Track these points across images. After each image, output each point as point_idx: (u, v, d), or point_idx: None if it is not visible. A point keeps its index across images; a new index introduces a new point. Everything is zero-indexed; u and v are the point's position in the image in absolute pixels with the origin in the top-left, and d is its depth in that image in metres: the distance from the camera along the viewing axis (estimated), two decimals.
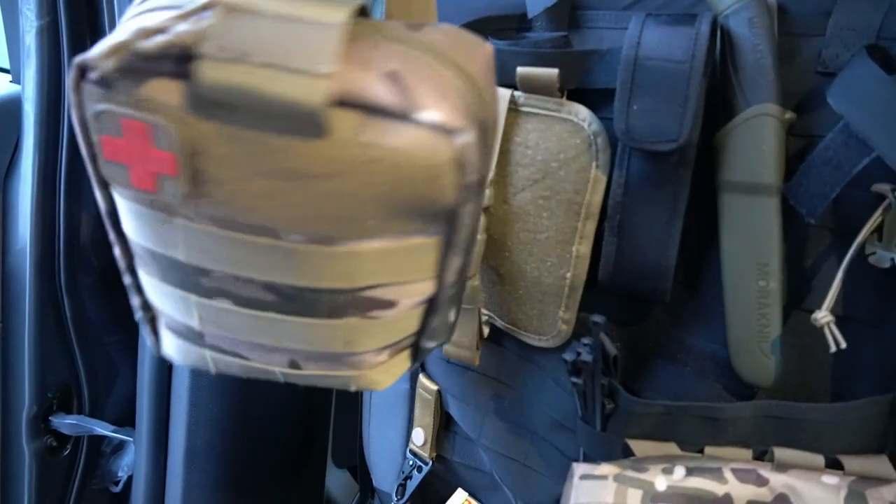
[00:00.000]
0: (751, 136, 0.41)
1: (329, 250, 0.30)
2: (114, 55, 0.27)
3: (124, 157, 0.29)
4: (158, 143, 0.28)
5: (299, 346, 0.35)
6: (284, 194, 0.28)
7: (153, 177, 0.29)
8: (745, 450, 0.44)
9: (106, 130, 0.28)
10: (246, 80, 0.26)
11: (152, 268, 0.34)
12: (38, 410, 0.83)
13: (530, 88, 0.47)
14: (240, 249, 0.31)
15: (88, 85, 0.27)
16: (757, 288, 0.42)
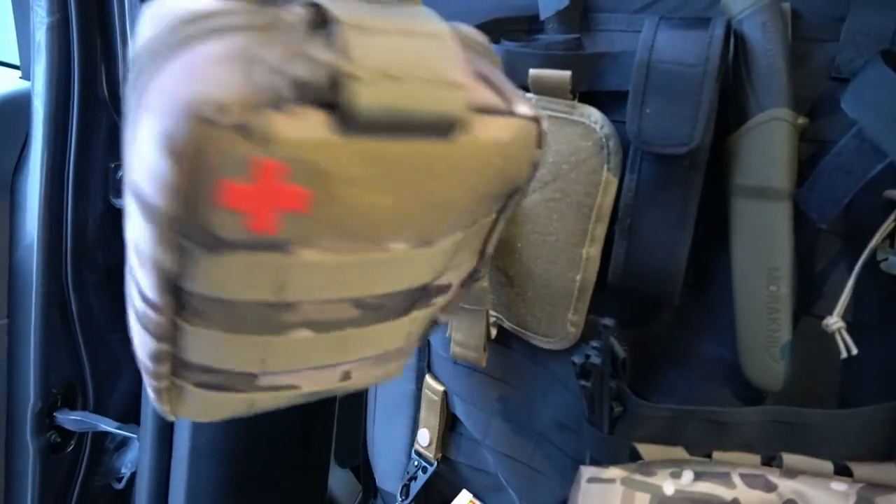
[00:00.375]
0: (763, 141, 0.41)
1: (426, 251, 0.32)
2: (246, 95, 0.24)
3: (248, 202, 0.25)
4: (292, 178, 0.25)
5: (365, 353, 0.36)
6: (406, 204, 0.29)
7: (276, 216, 0.26)
8: (754, 455, 0.44)
9: (230, 175, 0.25)
10: (400, 99, 0.26)
11: (216, 320, 0.31)
12: (43, 406, 0.83)
13: (542, 90, 0.47)
14: (343, 271, 0.30)
15: (219, 131, 0.24)
16: (767, 293, 0.42)
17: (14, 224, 0.79)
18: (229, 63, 0.24)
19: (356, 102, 0.25)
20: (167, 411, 0.36)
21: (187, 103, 0.23)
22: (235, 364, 0.34)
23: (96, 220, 0.82)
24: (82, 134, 0.77)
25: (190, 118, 0.23)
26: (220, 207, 0.25)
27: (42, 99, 0.74)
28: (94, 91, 0.77)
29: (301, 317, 0.32)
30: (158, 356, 0.32)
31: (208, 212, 0.25)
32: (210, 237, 0.27)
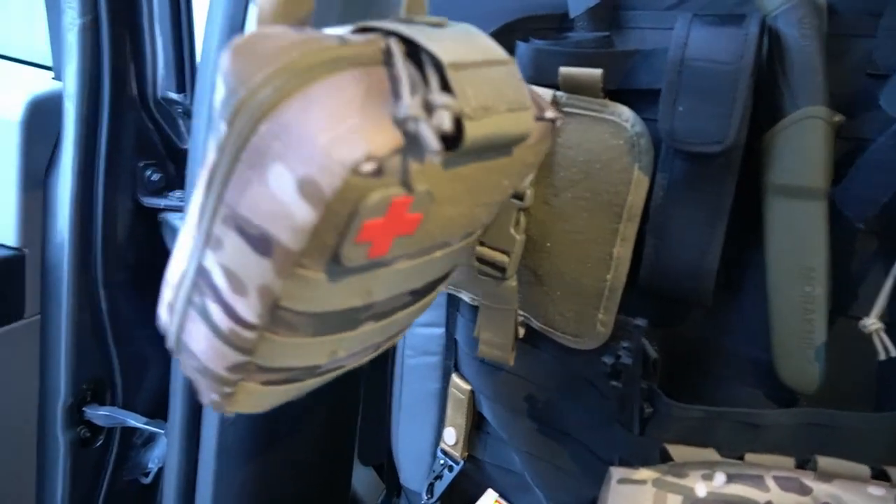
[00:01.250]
0: (799, 139, 0.41)
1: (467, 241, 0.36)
2: (386, 146, 0.26)
3: (376, 234, 0.28)
4: (414, 209, 0.28)
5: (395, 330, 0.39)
6: (475, 209, 0.33)
7: (391, 242, 0.29)
8: (787, 458, 0.44)
9: (372, 215, 0.27)
10: (495, 129, 0.29)
11: (304, 329, 0.32)
12: (73, 401, 0.84)
13: (573, 89, 0.47)
14: (414, 271, 0.34)
15: (367, 179, 0.25)
16: (802, 293, 0.42)
17: (46, 223, 0.80)
18: (357, 112, 0.26)
19: (468, 138, 0.28)
20: (227, 412, 0.37)
21: (331, 154, 0.25)
22: (309, 360, 0.35)
23: (125, 219, 0.83)
24: (112, 134, 0.78)
25: (339, 169, 0.25)
26: (355, 243, 0.27)
27: (73, 99, 0.75)
28: (124, 91, 0.78)
29: (372, 313, 0.35)
30: (237, 367, 0.33)
31: (342, 247, 0.27)
32: (335, 267, 0.28)
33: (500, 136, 0.30)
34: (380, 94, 0.27)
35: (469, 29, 0.32)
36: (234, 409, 0.37)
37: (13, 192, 0.78)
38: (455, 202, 0.31)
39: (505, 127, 0.30)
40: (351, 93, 0.26)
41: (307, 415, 0.83)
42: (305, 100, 0.26)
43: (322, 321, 0.32)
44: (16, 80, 0.82)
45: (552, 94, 0.48)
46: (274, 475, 0.80)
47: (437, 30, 0.31)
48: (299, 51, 0.27)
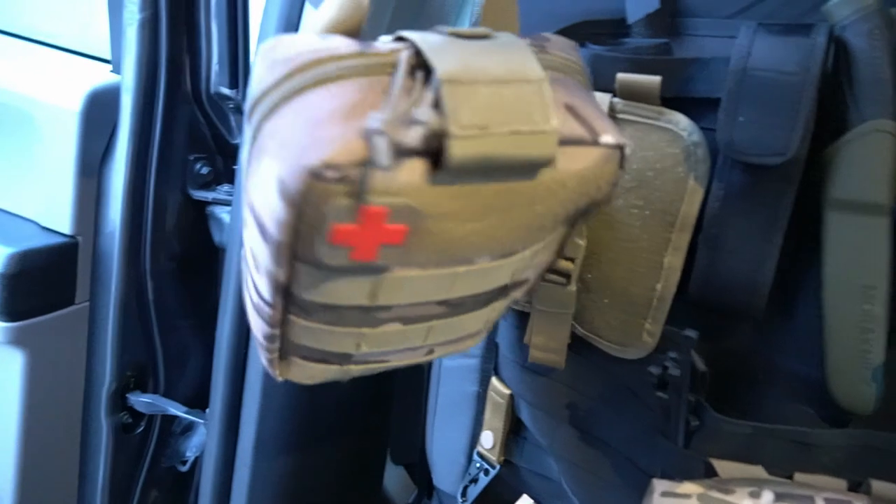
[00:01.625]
0: (864, 153, 0.40)
1: (507, 261, 0.34)
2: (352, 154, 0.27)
3: (352, 240, 0.29)
4: (394, 220, 0.29)
5: (446, 338, 0.39)
6: (492, 229, 0.32)
7: (376, 249, 0.30)
8: (839, 480, 0.42)
9: (339, 219, 0.28)
10: (491, 150, 0.28)
11: (321, 316, 0.35)
12: (117, 387, 0.86)
13: (630, 95, 0.46)
14: (432, 282, 0.33)
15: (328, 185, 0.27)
16: (861, 311, 0.41)
17: (99, 212, 0.83)
18: (339, 120, 0.27)
19: (452, 157, 0.27)
20: (276, 375, 0.41)
21: (300, 158, 0.26)
22: (335, 347, 0.37)
23: (174, 211, 0.85)
24: (166, 127, 0.80)
25: (303, 173, 0.26)
26: (329, 244, 0.29)
27: (130, 92, 0.77)
28: (178, 86, 0.80)
29: (393, 315, 0.35)
30: (270, 337, 0.36)
31: (318, 246, 0.29)
32: (319, 264, 0.30)
33: (501, 157, 0.28)
34: (374, 105, 0.28)
35: (510, 43, 0.31)
36: (281, 375, 0.41)
37: (70, 181, 0.80)
38: (463, 220, 0.30)
39: (505, 149, 0.28)
40: (344, 101, 0.28)
41: (342, 412, 0.84)
42: (301, 104, 0.28)
43: (334, 313, 0.34)
44: (76, 73, 0.84)
45: (609, 99, 0.47)
46: (308, 469, 0.81)
47: (472, 42, 0.30)
48: (312, 58, 0.29)
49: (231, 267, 0.74)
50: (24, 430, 0.84)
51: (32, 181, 0.83)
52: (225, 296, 0.74)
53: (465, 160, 0.28)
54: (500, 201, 0.31)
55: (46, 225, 0.83)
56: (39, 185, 0.83)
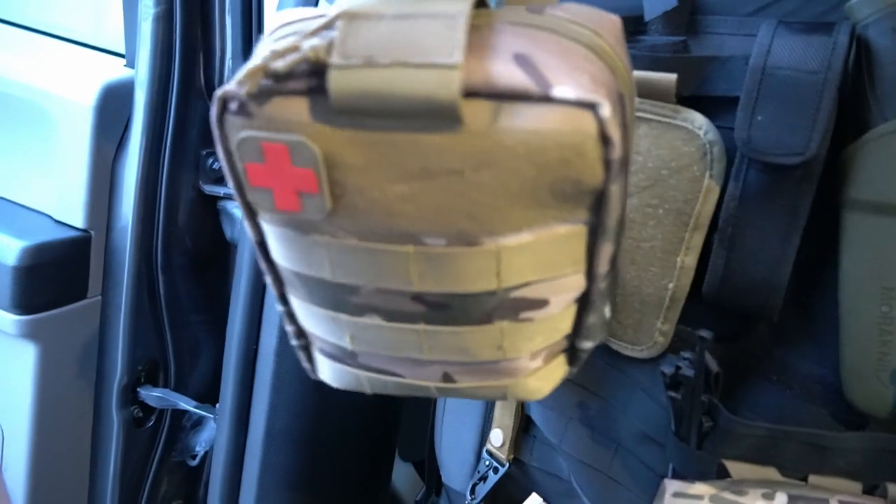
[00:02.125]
0: (885, 153, 0.39)
1: (472, 250, 0.30)
2: (248, 81, 0.27)
3: (268, 181, 0.29)
4: (296, 161, 0.28)
5: (452, 356, 0.35)
6: (424, 195, 0.28)
7: (296, 196, 0.29)
8: (854, 482, 0.42)
9: (249, 157, 0.29)
10: (376, 84, 0.26)
11: (302, 292, 0.34)
12: (128, 381, 0.87)
13: (646, 93, 0.46)
14: (383, 261, 0.31)
15: (230, 116, 0.28)
16: (880, 313, 0.40)
17: (111, 206, 0.83)
18: (256, 57, 0.28)
19: (331, 88, 0.26)
20: (308, 370, 0.41)
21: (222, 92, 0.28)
22: (331, 336, 0.36)
23: (187, 206, 0.85)
24: (179, 122, 0.80)
25: (216, 105, 0.28)
26: (252, 187, 0.30)
27: (144, 87, 0.77)
28: (192, 81, 0.80)
29: (365, 300, 0.33)
30: (287, 317, 0.38)
31: (248, 190, 0.30)
32: (259, 213, 0.31)
33: (388, 94, 0.25)
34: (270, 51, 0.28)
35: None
36: (314, 371, 0.40)
37: (83, 176, 0.80)
38: (380, 179, 0.28)
39: (392, 84, 0.25)
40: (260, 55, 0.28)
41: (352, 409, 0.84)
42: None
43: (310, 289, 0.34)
44: (90, 67, 0.84)
45: None
46: (318, 465, 0.81)
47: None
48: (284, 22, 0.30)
49: (242, 262, 0.74)
50: (35, 423, 0.84)
51: (46, 175, 0.84)
52: (236, 291, 0.74)
53: (346, 94, 0.26)
54: (418, 160, 0.27)
55: (60, 219, 0.84)
56: (53, 178, 0.83)
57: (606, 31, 0.30)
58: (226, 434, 0.79)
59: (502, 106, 0.26)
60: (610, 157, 0.27)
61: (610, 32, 0.30)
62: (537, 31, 0.28)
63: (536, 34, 0.28)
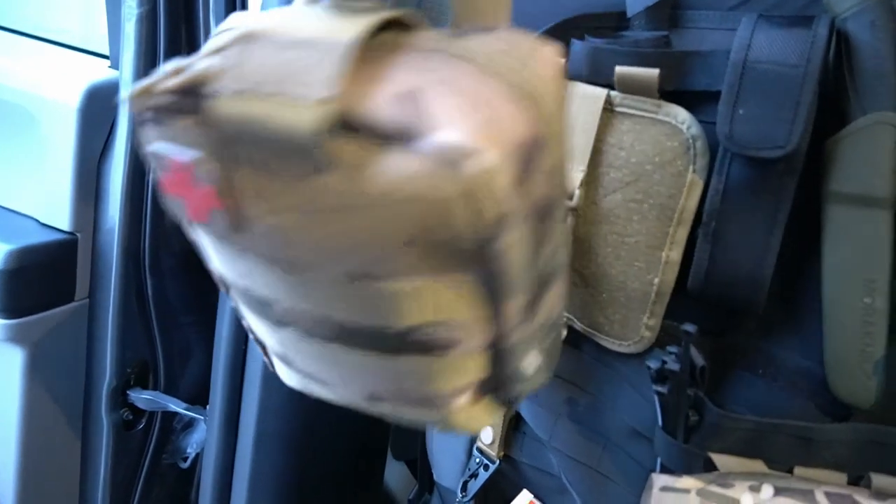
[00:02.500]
0: (866, 146, 0.39)
1: (371, 287, 0.28)
2: (145, 95, 0.28)
3: (178, 191, 0.29)
4: (199, 177, 0.28)
5: (373, 378, 0.34)
6: (313, 229, 0.27)
7: (206, 210, 0.29)
8: (840, 473, 0.42)
9: (160, 167, 0.29)
10: (253, 112, 0.25)
11: (234, 294, 0.35)
12: (118, 384, 0.86)
13: (628, 89, 0.46)
14: (288, 282, 0.30)
15: (145, 123, 0.29)
16: (862, 305, 0.40)
17: (98, 208, 0.82)
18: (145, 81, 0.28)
19: (214, 112, 0.26)
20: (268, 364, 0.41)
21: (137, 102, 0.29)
22: (272, 343, 0.37)
23: None
24: None
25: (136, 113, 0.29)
26: (168, 193, 0.30)
27: (129, 88, 0.77)
28: None
29: (283, 315, 0.33)
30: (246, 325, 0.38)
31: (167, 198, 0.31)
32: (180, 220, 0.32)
33: (258, 121, 0.25)
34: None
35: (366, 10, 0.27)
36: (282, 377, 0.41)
37: (69, 178, 0.80)
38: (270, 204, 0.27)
39: (264, 112, 0.25)
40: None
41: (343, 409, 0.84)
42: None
43: (236, 291, 0.35)
44: (75, 69, 0.84)
45: (606, 93, 0.47)
46: (309, 465, 0.81)
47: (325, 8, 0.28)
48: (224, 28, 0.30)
49: None
50: (24, 428, 0.84)
51: (31, 178, 0.83)
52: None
53: (227, 121, 0.26)
54: (299, 195, 0.26)
55: (46, 221, 0.83)
56: (38, 181, 0.83)
57: (541, 64, 0.28)
58: (216, 436, 0.78)
59: (372, 147, 0.24)
60: (489, 215, 0.24)
61: (545, 66, 0.28)
62: (451, 63, 0.26)
63: (446, 67, 0.26)
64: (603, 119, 0.48)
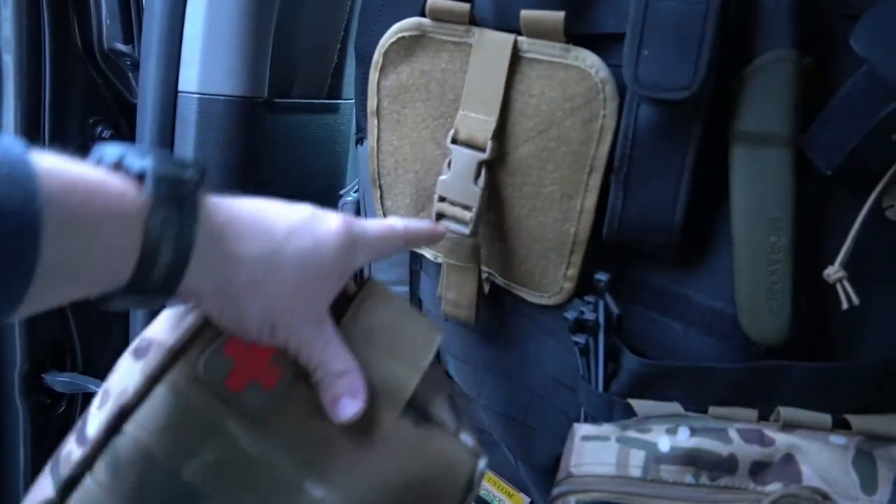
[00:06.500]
0: (766, 84, 0.39)
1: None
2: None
3: (240, 355, 0.34)
4: (276, 359, 0.35)
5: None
6: (340, 447, 0.35)
7: (248, 381, 0.34)
8: (751, 410, 0.43)
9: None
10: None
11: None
12: (31, 368, 0.82)
13: (535, 33, 0.44)
14: (256, 481, 0.33)
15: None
16: (768, 243, 0.41)
17: None
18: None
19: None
20: None
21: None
22: None
23: None
24: (56, 87, 0.74)
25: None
26: (223, 353, 0.35)
27: (11, 50, 0.71)
28: (66, 41, 0.73)
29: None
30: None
31: (204, 357, 0.35)
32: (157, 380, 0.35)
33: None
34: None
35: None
36: None
37: None
38: (305, 406, 0.37)
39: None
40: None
41: None
42: None
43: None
44: None
45: (514, 39, 0.45)
46: None
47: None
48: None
49: None
50: None
51: None
52: None
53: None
54: (360, 428, 0.36)
55: None
56: None
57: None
58: None
59: (430, 425, 0.38)
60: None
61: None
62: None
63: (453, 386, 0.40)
64: (511, 66, 0.46)
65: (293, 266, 0.33)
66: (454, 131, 0.49)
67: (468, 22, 0.47)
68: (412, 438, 0.36)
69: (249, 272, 0.32)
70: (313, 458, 0.34)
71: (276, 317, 0.34)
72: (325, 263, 0.35)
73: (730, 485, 0.41)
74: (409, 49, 0.50)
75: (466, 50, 0.48)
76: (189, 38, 0.61)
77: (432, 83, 0.50)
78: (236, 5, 0.60)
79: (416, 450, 0.36)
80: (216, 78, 0.62)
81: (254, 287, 0.33)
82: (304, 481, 0.34)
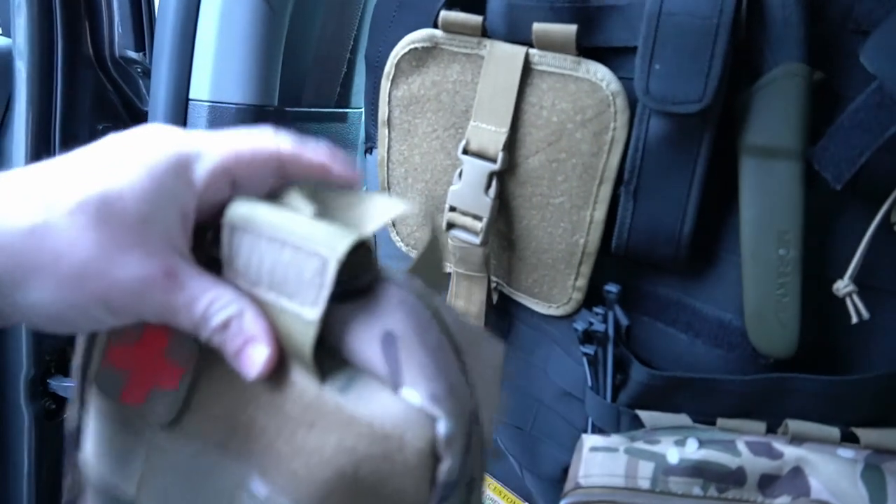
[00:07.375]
0: (776, 98, 0.39)
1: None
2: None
3: (129, 364, 0.28)
4: (170, 353, 0.28)
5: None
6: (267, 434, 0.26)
7: (147, 389, 0.28)
8: (759, 422, 0.43)
9: (123, 339, 0.28)
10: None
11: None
12: (36, 373, 0.82)
13: (546, 46, 0.45)
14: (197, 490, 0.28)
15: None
16: (776, 256, 0.41)
17: None
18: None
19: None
20: None
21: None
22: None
23: None
24: (68, 94, 0.74)
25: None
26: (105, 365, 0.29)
27: (24, 57, 0.71)
28: (78, 49, 0.74)
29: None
30: None
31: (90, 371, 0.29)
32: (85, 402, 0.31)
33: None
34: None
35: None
36: None
37: None
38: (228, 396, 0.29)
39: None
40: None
41: None
42: None
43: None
44: None
45: (525, 51, 0.46)
46: None
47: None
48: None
49: None
50: None
51: None
52: None
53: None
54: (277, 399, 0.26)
55: None
56: None
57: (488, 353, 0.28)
58: None
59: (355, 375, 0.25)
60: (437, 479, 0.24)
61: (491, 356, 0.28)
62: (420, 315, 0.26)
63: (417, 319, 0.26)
64: (523, 78, 0.46)
65: (75, 228, 0.25)
66: (465, 142, 0.49)
67: (480, 34, 0.48)
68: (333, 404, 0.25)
69: (7, 256, 0.24)
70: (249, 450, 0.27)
71: (89, 296, 0.25)
72: (127, 211, 0.26)
73: (738, 497, 0.41)
74: (420, 60, 0.51)
75: (478, 62, 0.48)
76: (201, 47, 0.62)
77: (444, 94, 0.51)
78: (248, 14, 0.61)
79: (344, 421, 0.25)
80: (227, 86, 0.62)
81: (21, 270, 0.25)
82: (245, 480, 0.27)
